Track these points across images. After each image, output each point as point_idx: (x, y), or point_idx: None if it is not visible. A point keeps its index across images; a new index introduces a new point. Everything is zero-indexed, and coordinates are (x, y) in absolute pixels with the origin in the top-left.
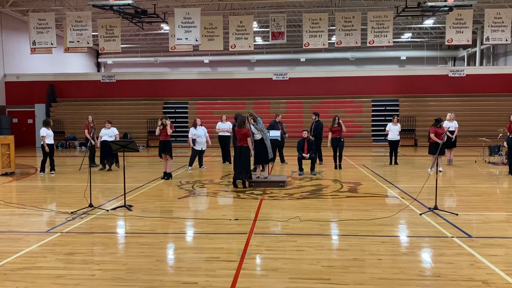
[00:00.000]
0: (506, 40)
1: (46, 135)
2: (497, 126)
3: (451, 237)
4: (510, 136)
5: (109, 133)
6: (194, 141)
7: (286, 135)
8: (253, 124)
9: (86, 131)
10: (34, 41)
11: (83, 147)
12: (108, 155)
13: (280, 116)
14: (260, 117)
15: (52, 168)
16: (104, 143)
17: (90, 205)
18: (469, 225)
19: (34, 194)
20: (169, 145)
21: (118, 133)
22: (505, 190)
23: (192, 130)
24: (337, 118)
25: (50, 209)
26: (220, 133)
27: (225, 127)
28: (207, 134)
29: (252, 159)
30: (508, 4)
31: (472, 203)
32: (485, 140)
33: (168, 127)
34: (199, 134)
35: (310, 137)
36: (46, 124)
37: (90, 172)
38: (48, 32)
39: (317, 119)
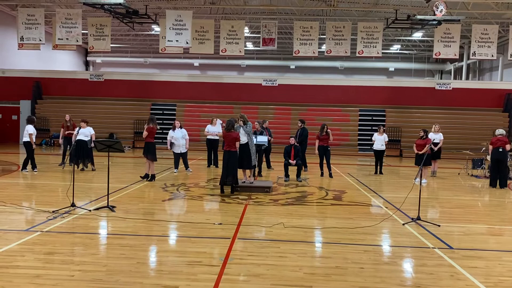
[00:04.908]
0: (492, 56)
1: (34, 132)
2: (480, 139)
3: (433, 248)
4: (500, 150)
5: (85, 132)
6: (172, 144)
7: (271, 138)
8: (242, 127)
9: (62, 130)
10: (22, 36)
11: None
12: (83, 154)
13: (267, 122)
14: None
15: (34, 166)
16: (79, 142)
17: (72, 205)
18: (451, 236)
19: (15, 191)
20: (148, 147)
21: (94, 132)
22: (486, 203)
23: (170, 132)
24: (325, 126)
25: (31, 207)
26: (209, 136)
27: (214, 130)
28: (187, 137)
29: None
30: (494, 21)
31: (454, 214)
32: (469, 153)
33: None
34: (176, 136)
35: (296, 143)
36: (31, 121)
37: (73, 171)
38: (37, 28)
39: (302, 126)
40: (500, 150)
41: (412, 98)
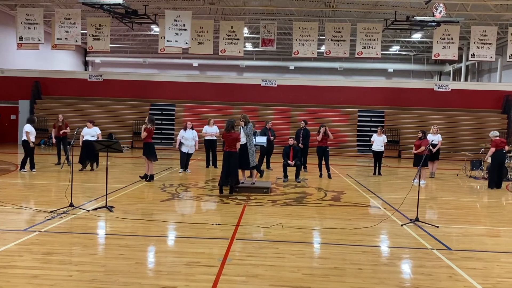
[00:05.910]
0: (491, 57)
1: (31, 131)
2: (479, 141)
3: (431, 249)
4: (504, 151)
5: (91, 133)
6: (180, 144)
7: (273, 137)
8: (242, 127)
9: (54, 130)
10: (21, 36)
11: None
12: (89, 154)
13: (270, 123)
14: (252, 123)
15: (33, 166)
16: (86, 142)
17: (71, 205)
18: (449, 237)
19: (13, 191)
20: (146, 148)
21: (100, 132)
22: (484, 204)
23: (181, 132)
24: (321, 128)
25: (29, 207)
26: (207, 137)
27: (212, 131)
28: (197, 139)
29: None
30: (493, 22)
31: (453, 216)
32: (467, 155)
33: (142, 130)
34: (187, 137)
35: (300, 145)
36: (31, 121)
37: (72, 171)
38: (36, 28)
39: (305, 126)
40: (504, 151)
41: (411, 99)
